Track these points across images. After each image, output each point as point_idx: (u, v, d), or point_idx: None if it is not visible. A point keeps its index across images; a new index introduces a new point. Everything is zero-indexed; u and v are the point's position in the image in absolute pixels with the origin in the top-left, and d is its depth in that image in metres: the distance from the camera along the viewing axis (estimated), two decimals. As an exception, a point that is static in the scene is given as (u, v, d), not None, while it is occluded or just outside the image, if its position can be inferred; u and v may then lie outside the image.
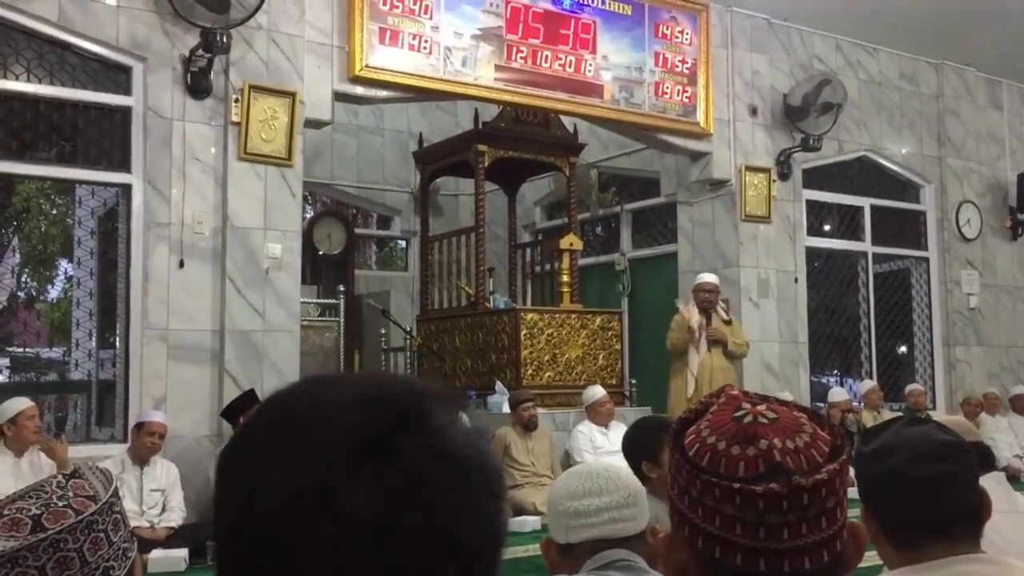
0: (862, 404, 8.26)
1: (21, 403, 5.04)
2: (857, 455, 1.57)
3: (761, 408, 0.92)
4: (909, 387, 8.84)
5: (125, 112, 5.87)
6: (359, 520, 0.58)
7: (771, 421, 0.91)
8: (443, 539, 0.60)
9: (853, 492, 1.19)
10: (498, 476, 0.66)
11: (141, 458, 5.23)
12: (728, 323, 7.23)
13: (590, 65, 7.31)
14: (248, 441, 0.65)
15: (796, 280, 8.40)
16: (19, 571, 0.99)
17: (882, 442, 1.54)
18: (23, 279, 13.73)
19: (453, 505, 0.61)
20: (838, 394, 8.06)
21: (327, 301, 8.22)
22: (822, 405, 8.26)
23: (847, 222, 9.24)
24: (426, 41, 6.59)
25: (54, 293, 13.47)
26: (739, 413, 0.92)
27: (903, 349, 9.66)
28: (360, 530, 0.58)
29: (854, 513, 0.95)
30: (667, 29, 7.70)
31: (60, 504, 1.04)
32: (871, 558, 1.25)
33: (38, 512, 1.02)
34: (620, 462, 6.81)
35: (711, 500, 0.89)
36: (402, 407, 0.63)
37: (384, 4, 6.41)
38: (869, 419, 7.95)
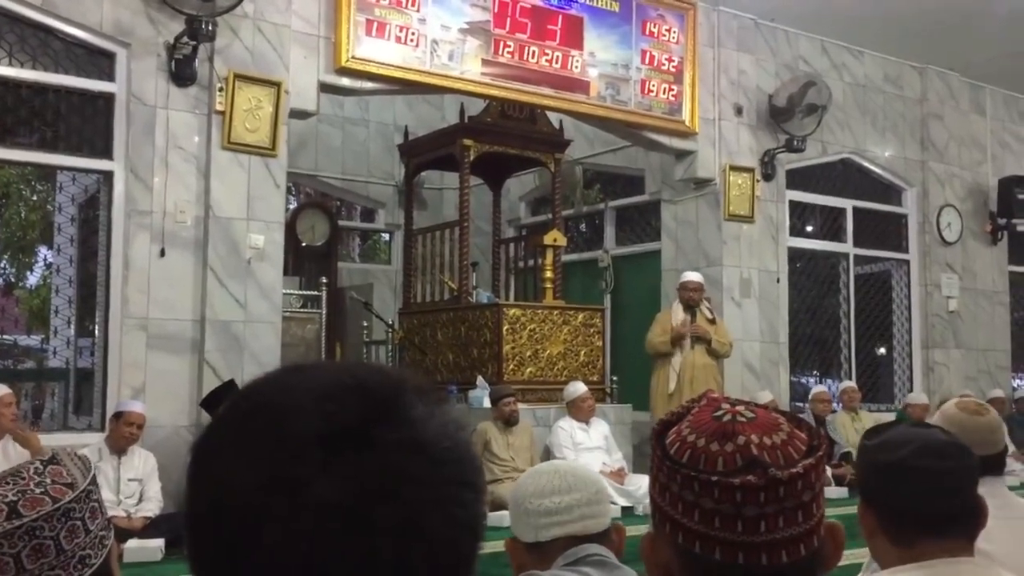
0: (840, 405, 8.31)
1: (-2, 390, 5.00)
2: (861, 449, 1.60)
3: (740, 408, 0.96)
4: (911, 397, 8.71)
5: (108, 98, 5.82)
6: (331, 512, 0.57)
7: (749, 420, 0.94)
8: (418, 532, 0.59)
9: (830, 492, 1.20)
10: (476, 468, 0.65)
11: (119, 448, 5.20)
12: (712, 322, 7.27)
13: (577, 61, 7.31)
14: (221, 430, 0.64)
15: (778, 280, 8.44)
16: None
17: (888, 437, 1.57)
18: (1, 265, 13.60)
19: (429, 498, 0.60)
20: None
21: (309, 293, 8.19)
22: (801, 405, 8.31)
23: (829, 223, 9.30)
24: (413, 33, 6.57)
25: (33, 280, 13.36)
26: (719, 413, 0.95)
27: (882, 351, 9.73)
28: (332, 522, 0.57)
29: (835, 513, 0.96)
30: (654, 27, 7.71)
31: (37, 491, 1.02)
32: (849, 557, 1.25)
33: (14, 499, 1.01)
34: (600, 458, 6.82)
35: (691, 495, 0.91)
36: (378, 398, 0.62)
37: (372, -5, 6.38)
38: (847, 420, 8.01)
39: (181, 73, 5.83)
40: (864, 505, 1.57)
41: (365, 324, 8.62)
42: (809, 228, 9.21)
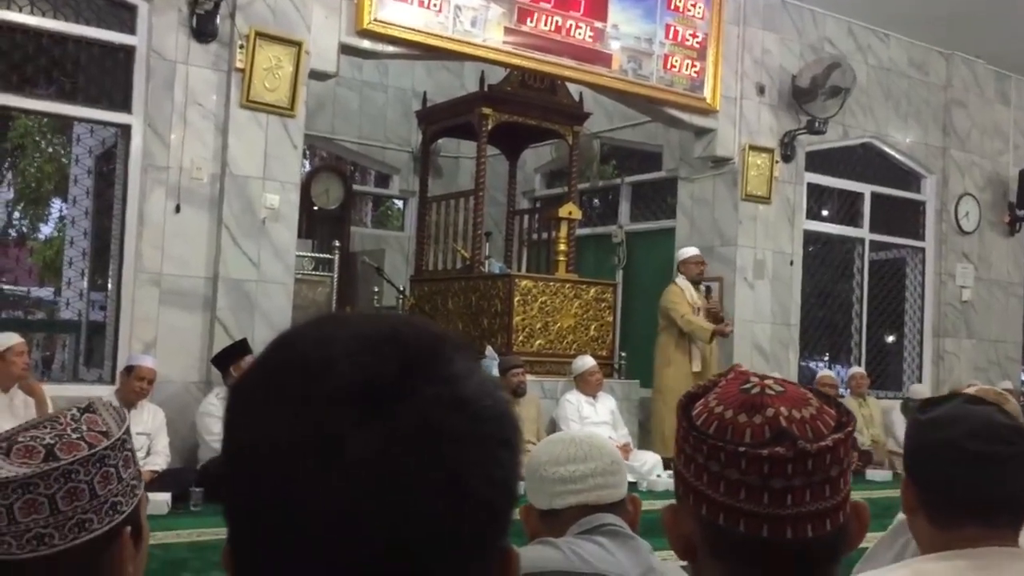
0: (848, 390, 8.30)
1: (10, 339, 5.02)
2: (911, 422, 1.53)
3: (769, 382, 0.95)
4: (914, 389, 8.56)
5: (128, 51, 5.80)
6: (368, 467, 0.56)
7: (778, 393, 0.93)
8: (455, 491, 0.58)
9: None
10: (514, 428, 0.64)
11: (128, 401, 5.22)
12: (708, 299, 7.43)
13: (600, 33, 7.23)
14: (256, 381, 0.63)
15: (792, 263, 8.40)
16: (29, 498, 1.00)
17: (942, 413, 1.48)
18: (15, 216, 13.63)
19: (467, 456, 0.59)
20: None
21: (321, 256, 8.19)
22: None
23: (846, 208, 9.24)
24: (436, -2, 6.51)
25: (47, 231, 13.39)
26: (747, 386, 0.94)
27: (893, 338, 9.70)
28: (368, 477, 0.56)
29: (865, 494, 0.95)
30: (680, 1, 7.61)
31: (74, 436, 1.05)
32: (866, 540, 1.22)
33: (52, 442, 1.04)
34: (606, 433, 6.83)
35: (716, 465, 0.90)
36: (417, 351, 0.60)
37: (396, -42, 6.31)
38: (854, 406, 8.00)
39: (202, 29, 5.80)
40: (908, 480, 1.50)
41: (376, 289, 8.62)
42: (826, 212, 9.16)
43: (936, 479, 1.45)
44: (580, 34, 7.14)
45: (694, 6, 7.69)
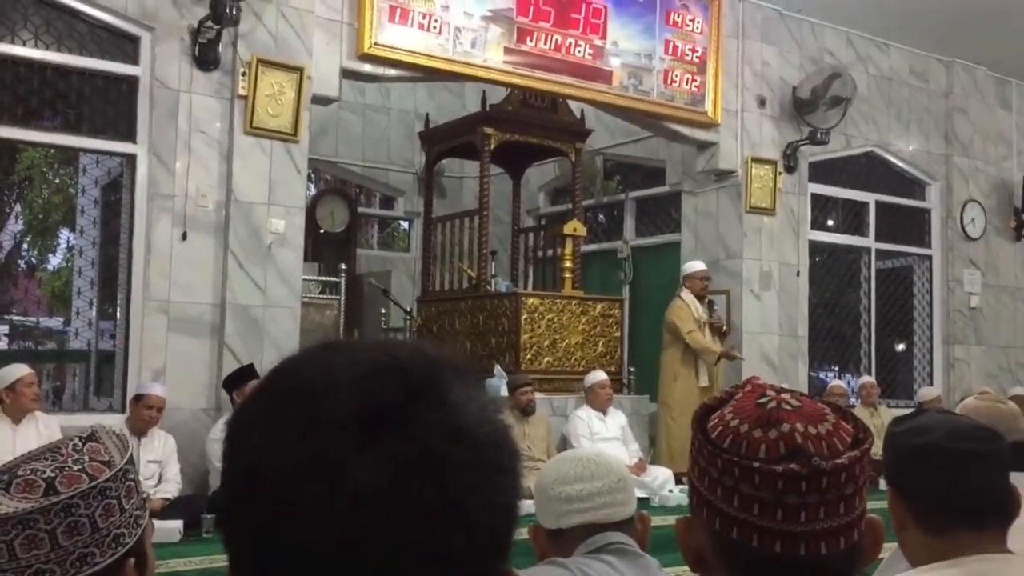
0: (858, 399, 8.26)
1: (20, 370, 5.04)
2: (889, 436, 1.55)
3: (785, 396, 0.94)
4: (922, 392, 8.51)
5: (132, 82, 5.84)
6: (368, 493, 0.57)
7: (794, 408, 0.92)
8: (456, 516, 0.58)
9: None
10: (513, 453, 0.64)
11: (139, 430, 5.22)
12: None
13: (600, 50, 7.27)
14: (258, 408, 0.63)
15: (798, 274, 8.38)
16: (29, 533, 0.98)
17: (917, 422, 1.53)
18: (24, 247, 13.70)
19: (467, 482, 0.59)
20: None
21: (328, 279, 8.21)
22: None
23: (851, 217, 9.23)
24: (436, 20, 6.55)
25: (55, 261, 13.45)
26: (763, 400, 0.94)
27: (902, 347, 9.66)
28: (369, 503, 0.57)
29: (875, 507, 0.94)
30: (678, 17, 7.65)
31: (75, 468, 1.03)
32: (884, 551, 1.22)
33: (52, 475, 1.02)
34: (617, 448, 6.81)
35: (731, 480, 0.90)
36: (416, 378, 0.61)
37: (395, -18, 6.36)
38: (865, 415, 7.95)
39: (204, 57, 5.84)
40: (894, 494, 1.51)
41: (383, 311, 8.64)
42: (831, 222, 9.15)
43: (921, 486, 1.47)
44: (580, 52, 7.17)
45: (693, 21, 7.73)
